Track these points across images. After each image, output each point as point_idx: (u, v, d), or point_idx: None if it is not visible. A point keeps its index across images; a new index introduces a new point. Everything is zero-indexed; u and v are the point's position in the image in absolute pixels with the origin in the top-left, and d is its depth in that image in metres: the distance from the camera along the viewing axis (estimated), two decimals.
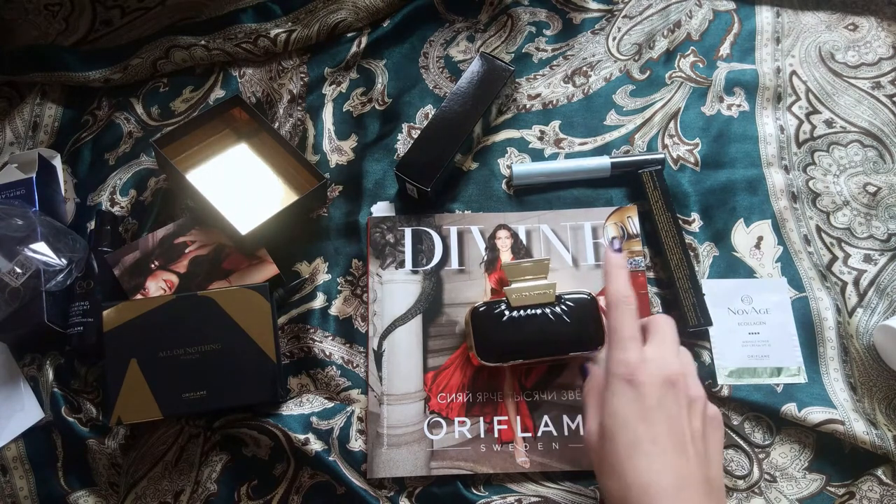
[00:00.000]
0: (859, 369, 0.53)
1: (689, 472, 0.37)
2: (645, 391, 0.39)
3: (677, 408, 0.39)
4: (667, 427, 0.38)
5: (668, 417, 0.38)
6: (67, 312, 0.56)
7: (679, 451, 0.38)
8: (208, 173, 0.61)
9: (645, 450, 0.37)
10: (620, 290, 0.43)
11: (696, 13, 0.67)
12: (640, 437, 0.38)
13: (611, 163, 0.59)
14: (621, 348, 0.41)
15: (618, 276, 0.43)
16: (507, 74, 0.61)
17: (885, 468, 0.49)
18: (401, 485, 0.52)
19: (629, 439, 0.38)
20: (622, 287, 0.43)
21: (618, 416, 0.39)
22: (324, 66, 0.68)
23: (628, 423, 0.38)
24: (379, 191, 0.61)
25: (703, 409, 0.40)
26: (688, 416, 0.39)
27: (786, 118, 0.62)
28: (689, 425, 0.39)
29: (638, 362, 0.40)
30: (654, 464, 0.37)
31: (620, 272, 0.44)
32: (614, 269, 0.44)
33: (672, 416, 0.39)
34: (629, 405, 0.39)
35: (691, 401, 0.40)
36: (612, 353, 0.41)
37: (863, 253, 0.57)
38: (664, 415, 0.38)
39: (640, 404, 0.39)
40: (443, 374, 0.54)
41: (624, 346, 0.41)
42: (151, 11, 0.71)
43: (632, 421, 0.38)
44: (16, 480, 0.54)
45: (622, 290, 0.43)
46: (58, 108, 0.69)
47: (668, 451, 0.37)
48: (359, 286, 0.58)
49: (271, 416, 0.52)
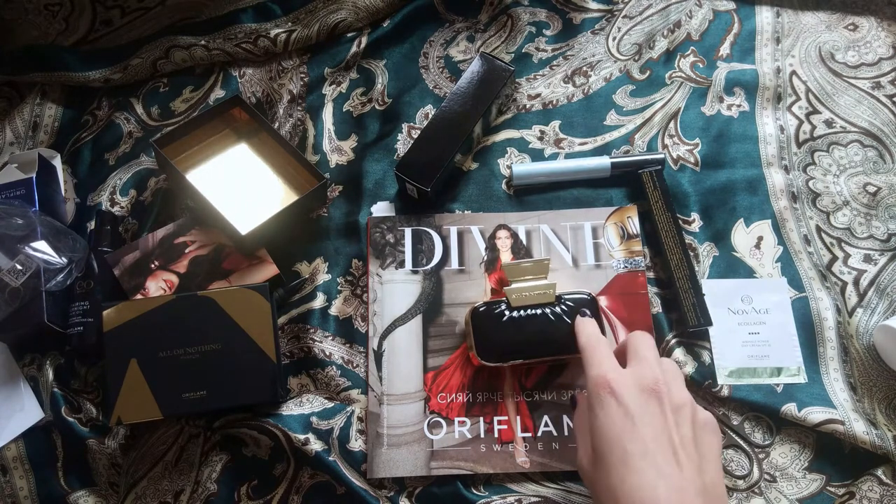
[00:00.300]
0: (859, 369, 0.53)
1: (684, 482, 0.36)
2: (626, 403, 0.38)
3: (662, 417, 0.38)
4: (654, 438, 0.37)
5: (654, 428, 0.38)
6: (67, 312, 0.56)
7: (670, 461, 0.37)
8: (208, 173, 0.61)
9: (635, 466, 0.37)
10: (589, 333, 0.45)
11: (696, 13, 0.67)
12: (629, 453, 0.37)
13: (611, 163, 0.59)
14: (596, 366, 0.41)
15: (584, 328, 0.46)
16: (507, 74, 0.61)
17: (885, 468, 0.49)
18: (401, 485, 0.52)
19: (618, 457, 0.37)
20: (590, 331, 0.46)
21: (604, 435, 0.38)
22: (324, 66, 0.68)
23: (615, 440, 0.38)
24: (379, 191, 0.61)
25: (690, 414, 0.40)
26: (675, 423, 0.39)
27: (786, 118, 0.62)
28: (677, 433, 0.38)
29: (615, 376, 0.40)
30: (646, 479, 0.36)
31: (588, 325, 0.47)
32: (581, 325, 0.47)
33: (658, 427, 0.38)
34: (613, 422, 0.38)
35: (677, 408, 0.39)
36: (589, 374, 0.41)
37: (863, 253, 0.57)
38: (649, 426, 0.38)
39: (624, 419, 0.38)
40: (443, 374, 0.54)
41: (598, 364, 0.41)
42: (151, 11, 0.71)
43: (618, 437, 0.38)
44: (16, 480, 0.54)
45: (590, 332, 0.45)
46: (58, 108, 0.69)
47: (659, 463, 0.37)
48: (359, 286, 0.58)
49: (271, 416, 0.52)
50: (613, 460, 0.37)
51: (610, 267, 0.57)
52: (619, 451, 0.37)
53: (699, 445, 0.39)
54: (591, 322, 0.47)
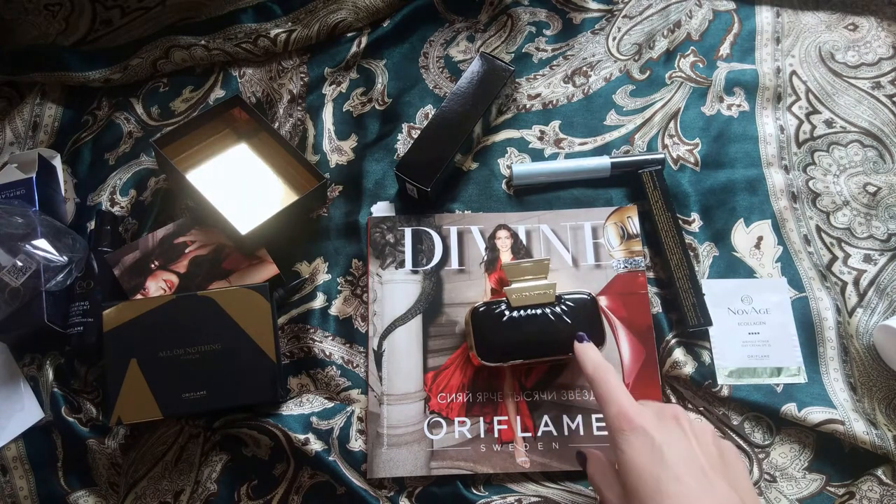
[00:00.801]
0: (859, 369, 0.53)
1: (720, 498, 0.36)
2: (650, 434, 0.38)
3: (687, 441, 0.38)
4: (683, 462, 0.37)
5: (681, 453, 0.37)
6: (67, 312, 0.56)
7: (703, 481, 0.36)
8: (208, 173, 0.61)
9: (670, 492, 0.36)
10: (595, 361, 0.44)
11: (696, 13, 0.67)
12: (662, 480, 0.36)
13: (611, 163, 0.59)
14: (614, 403, 0.41)
15: (587, 354, 0.45)
16: (507, 74, 0.61)
17: (885, 468, 0.49)
18: (401, 485, 0.52)
19: (652, 488, 0.36)
20: (595, 359, 0.45)
21: (633, 469, 0.38)
22: (324, 66, 0.68)
23: (645, 471, 0.37)
24: (379, 191, 0.61)
25: (713, 438, 0.40)
26: (699, 445, 0.38)
27: (786, 118, 0.62)
28: (703, 453, 0.38)
29: (635, 410, 0.40)
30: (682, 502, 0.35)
31: (590, 352, 0.46)
32: (583, 352, 0.46)
33: (684, 451, 0.38)
34: (640, 453, 0.38)
35: (699, 433, 0.40)
36: (608, 412, 0.41)
37: (863, 253, 0.57)
38: (676, 449, 0.37)
39: (650, 447, 0.38)
40: (443, 374, 0.54)
41: (616, 401, 0.41)
42: (151, 11, 0.71)
43: (648, 467, 0.37)
44: (16, 480, 0.54)
45: (596, 361, 0.45)
46: (58, 108, 0.69)
47: (692, 486, 0.36)
48: (359, 286, 0.58)
49: (271, 416, 0.52)
50: (648, 492, 0.36)
51: (610, 267, 0.57)
52: (652, 481, 0.36)
53: (728, 465, 0.39)
54: (591, 348, 0.46)
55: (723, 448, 0.40)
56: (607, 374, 0.43)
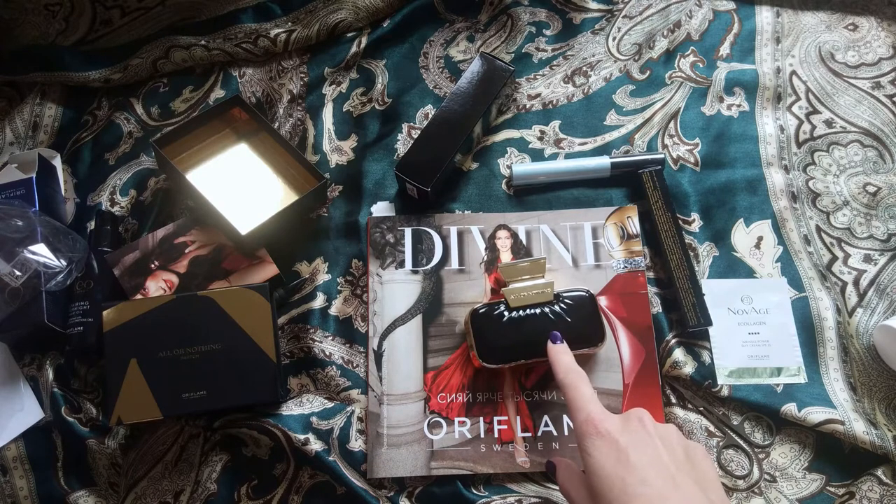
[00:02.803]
0: (859, 369, 0.53)
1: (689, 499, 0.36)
2: (615, 438, 0.38)
3: (651, 442, 0.38)
4: (649, 464, 0.37)
5: (647, 455, 0.38)
6: (67, 312, 0.56)
7: (669, 482, 0.36)
8: (208, 173, 0.61)
9: (636, 493, 0.36)
10: (566, 366, 0.45)
11: (696, 13, 0.67)
12: (628, 483, 0.36)
13: (611, 163, 0.59)
14: (582, 410, 0.41)
15: (560, 359, 0.46)
16: (507, 74, 0.61)
17: (885, 468, 0.49)
18: (401, 485, 0.52)
19: (619, 489, 0.36)
20: (567, 363, 0.45)
21: (600, 473, 0.38)
22: (324, 66, 0.68)
23: (612, 475, 0.37)
24: (379, 191, 0.61)
25: (678, 439, 0.40)
26: (664, 447, 0.39)
27: (786, 118, 0.62)
28: (669, 455, 0.38)
29: (600, 417, 0.40)
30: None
31: (562, 356, 0.46)
32: (556, 355, 0.46)
33: (650, 453, 0.38)
34: (607, 457, 0.38)
35: (663, 434, 0.40)
36: (576, 419, 0.41)
37: (863, 253, 0.57)
38: (642, 454, 0.38)
39: (617, 453, 0.38)
40: (443, 374, 0.54)
41: (584, 407, 0.41)
42: (151, 11, 0.71)
43: (614, 471, 0.37)
44: (16, 480, 0.54)
45: (568, 366, 0.45)
46: (58, 108, 0.69)
47: (659, 487, 0.36)
48: (359, 286, 0.58)
49: (271, 416, 0.52)
50: (615, 495, 0.37)
51: (610, 267, 0.57)
52: (619, 484, 0.37)
53: (695, 466, 0.39)
54: (564, 351, 0.47)
55: (689, 448, 0.40)
56: (578, 381, 0.43)
